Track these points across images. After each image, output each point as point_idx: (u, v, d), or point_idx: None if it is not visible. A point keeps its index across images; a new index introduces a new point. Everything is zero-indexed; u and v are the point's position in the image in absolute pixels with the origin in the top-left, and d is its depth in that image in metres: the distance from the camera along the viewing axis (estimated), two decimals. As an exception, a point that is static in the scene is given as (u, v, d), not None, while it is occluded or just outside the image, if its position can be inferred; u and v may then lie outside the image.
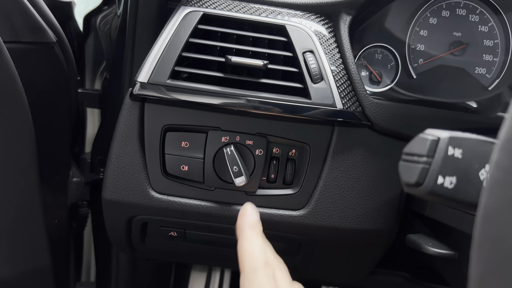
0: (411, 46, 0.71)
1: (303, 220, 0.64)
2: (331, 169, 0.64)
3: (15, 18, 0.70)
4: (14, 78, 0.65)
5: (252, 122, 0.63)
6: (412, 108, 0.64)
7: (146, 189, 0.64)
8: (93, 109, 1.04)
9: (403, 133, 0.64)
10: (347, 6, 0.64)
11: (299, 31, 0.63)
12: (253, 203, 0.64)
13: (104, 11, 0.98)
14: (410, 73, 0.71)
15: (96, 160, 0.98)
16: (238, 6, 0.65)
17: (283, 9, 0.66)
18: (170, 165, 0.63)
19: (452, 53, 0.71)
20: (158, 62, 0.60)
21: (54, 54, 0.78)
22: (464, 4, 0.70)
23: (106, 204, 0.65)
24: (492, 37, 0.71)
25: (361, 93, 0.63)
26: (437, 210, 0.59)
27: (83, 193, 0.94)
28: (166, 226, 0.68)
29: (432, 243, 0.57)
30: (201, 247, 0.73)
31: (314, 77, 0.62)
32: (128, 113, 0.63)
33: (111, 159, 0.63)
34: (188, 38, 0.61)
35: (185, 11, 0.63)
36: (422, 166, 0.34)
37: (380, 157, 0.65)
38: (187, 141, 0.62)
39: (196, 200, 0.64)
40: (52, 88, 0.79)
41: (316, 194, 0.64)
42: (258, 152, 0.63)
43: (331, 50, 0.64)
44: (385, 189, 0.65)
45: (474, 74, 0.71)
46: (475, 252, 0.24)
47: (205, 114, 0.62)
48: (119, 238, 0.71)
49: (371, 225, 0.65)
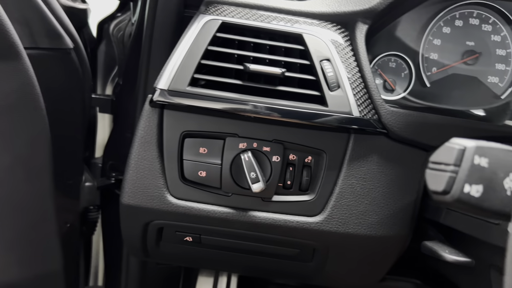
0: (425, 55, 0.71)
1: (318, 226, 0.65)
2: (347, 176, 0.64)
3: (34, 25, 0.71)
4: (33, 84, 0.66)
5: (269, 129, 0.64)
6: (427, 116, 0.65)
7: (164, 195, 0.64)
8: (103, 114, 1.05)
9: (418, 141, 0.65)
10: (364, 16, 0.65)
11: (316, 39, 0.64)
12: (269, 209, 0.65)
13: (117, 18, 1.00)
14: (423, 81, 0.71)
15: (108, 165, 0.99)
16: (256, 15, 0.66)
17: (300, 17, 0.67)
18: (188, 171, 0.64)
19: (465, 62, 0.72)
20: (178, 69, 0.61)
21: (70, 60, 0.79)
22: (477, 14, 0.71)
23: (124, 209, 0.66)
24: (505, 46, 0.71)
25: (378, 101, 0.63)
26: (452, 217, 0.60)
27: (94, 197, 0.95)
28: (182, 231, 0.69)
29: (448, 250, 0.58)
30: (215, 253, 0.73)
31: (331, 85, 0.62)
32: (148, 119, 0.64)
33: (130, 165, 0.64)
34: (207, 46, 0.62)
35: (204, 19, 0.64)
36: (450, 174, 0.34)
37: (395, 164, 0.65)
38: (205, 147, 0.63)
39: (213, 206, 0.65)
40: (68, 94, 0.81)
41: (332, 200, 0.65)
42: (275, 159, 0.63)
43: (348, 59, 0.65)
44: (400, 196, 0.66)
45: (486, 83, 0.72)
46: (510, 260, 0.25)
47: (223, 121, 0.63)
48: (134, 243, 0.72)
49: (386, 232, 0.66)
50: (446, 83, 0.72)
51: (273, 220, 0.65)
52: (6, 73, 0.62)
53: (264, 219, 0.65)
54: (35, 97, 0.66)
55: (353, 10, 0.66)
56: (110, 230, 1.03)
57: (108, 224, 1.03)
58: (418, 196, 0.67)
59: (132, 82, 0.82)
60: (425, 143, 0.65)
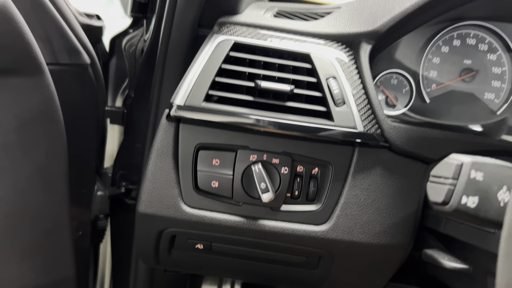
0: (425, 72, 0.76)
1: (324, 235, 0.69)
2: (351, 187, 0.68)
3: (55, 41, 0.75)
4: (54, 99, 0.69)
5: (278, 142, 0.67)
6: (427, 131, 0.69)
7: (179, 204, 0.68)
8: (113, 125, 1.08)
9: (418, 154, 0.69)
10: (367, 37, 0.70)
11: (322, 58, 0.68)
12: (278, 218, 0.69)
13: (130, 34, 1.03)
14: (423, 97, 0.75)
15: (118, 174, 1.02)
16: (266, 35, 0.70)
17: (307, 37, 0.71)
18: (201, 181, 0.68)
19: (463, 79, 0.76)
20: (194, 86, 0.65)
21: (87, 75, 0.82)
22: (474, 34, 0.75)
23: (140, 217, 0.69)
24: (500, 64, 0.76)
25: (380, 117, 0.67)
26: (451, 226, 0.64)
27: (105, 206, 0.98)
28: (193, 238, 0.72)
29: (448, 258, 0.61)
30: (224, 260, 0.76)
31: (337, 101, 0.66)
32: (164, 132, 0.67)
33: (147, 175, 0.68)
34: (221, 64, 0.66)
35: (218, 39, 0.68)
36: (448, 187, 0.38)
37: (397, 176, 0.69)
38: (218, 159, 0.67)
39: (224, 214, 0.69)
40: (84, 108, 0.84)
41: (337, 210, 0.68)
42: (283, 170, 0.67)
43: (352, 76, 0.69)
44: (402, 206, 0.70)
45: (483, 99, 0.76)
46: (501, 263, 0.29)
47: (235, 134, 0.67)
48: (147, 250, 0.75)
49: (389, 240, 0.69)
50: (445, 99, 0.76)
51: (281, 228, 0.68)
52: (31, 88, 0.66)
53: (273, 227, 0.69)
54: (55, 110, 0.70)
55: (358, 31, 0.70)
56: (118, 238, 1.06)
57: (117, 232, 1.06)
58: (419, 206, 0.71)
59: (144, 96, 0.85)
60: (425, 156, 0.69)
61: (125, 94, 1.09)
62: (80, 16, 0.86)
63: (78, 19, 0.83)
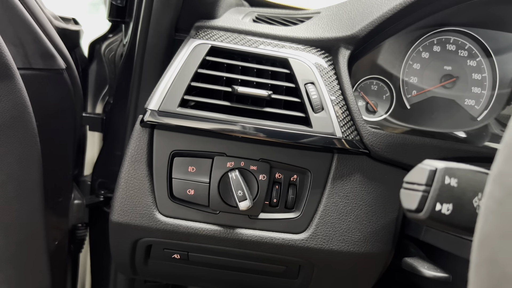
0: (405, 78, 0.75)
1: (303, 243, 0.67)
2: (330, 194, 0.67)
3: (28, 46, 0.73)
4: (25, 104, 0.67)
5: (256, 148, 0.66)
6: (407, 137, 0.68)
7: (153, 212, 0.66)
8: (93, 132, 1.06)
9: (398, 161, 0.68)
10: (346, 42, 0.69)
11: (301, 64, 0.67)
12: (256, 226, 0.67)
13: (109, 39, 1.02)
14: (404, 103, 0.75)
15: (97, 182, 1.00)
16: (244, 39, 0.69)
17: (286, 42, 0.70)
18: (177, 189, 0.66)
19: (443, 85, 0.75)
20: (169, 91, 0.64)
21: (63, 80, 0.81)
22: (454, 40, 0.75)
23: (113, 227, 0.67)
24: (480, 71, 0.75)
25: (359, 123, 0.66)
26: (431, 234, 0.63)
27: (83, 215, 0.95)
28: (170, 248, 0.70)
29: (427, 266, 0.60)
30: (202, 270, 0.74)
31: (315, 107, 0.65)
32: (138, 138, 0.66)
33: (120, 183, 0.66)
34: (197, 69, 0.65)
35: (194, 43, 0.67)
36: (422, 194, 0.37)
37: (377, 183, 0.68)
38: (193, 166, 0.65)
39: (201, 223, 0.67)
40: (60, 113, 0.82)
41: (316, 218, 0.67)
42: (261, 177, 0.66)
43: (331, 82, 0.68)
44: (382, 214, 0.68)
45: (464, 106, 0.75)
46: (472, 273, 0.27)
47: (212, 141, 0.65)
48: (122, 260, 0.73)
49: (369, 249, 0.68)
50: (426, 105, 0.75)
51: (259, 237, 0.67)
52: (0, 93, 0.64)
53: (251, 236, 0.67)
54: (27, 116, 0.68)
55: (336, 36, 0.69)
56: (97, 247, 1.04)
57: (96, 242, 1.03)
58: (399, 214, 0.70)
59: (122, 101, 0.84)
60: (405, 163, 0.68)
61: (105, 100, 1.08)
62: (56, 20, 0.84)
63: (53, 23, 0.82)
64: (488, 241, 0.26)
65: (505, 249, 0.24)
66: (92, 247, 1.05)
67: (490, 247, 0.26)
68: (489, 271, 0.25)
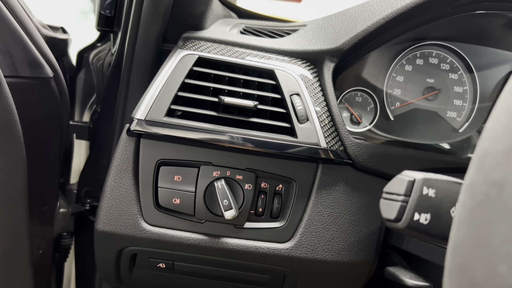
0: (389, 90, 0.77)
1: (288, 252, 0.68)
2: (315, 203, 0.68)
3: (15, 54, 0.73)
4: (11, 112, 0.67)
5: (242, 158, 0.67)
6: (390, 148, 0.69)
7: (138, 221, 0.66)
8: (80, 141, 1.06)
9: (381, 171, 0.69)
10: (331, 54, 0.70)
11: (287, 75, 0.68)
12: (241, 236, 0.67)
13: (97, 48, 1.02)
14: (387, 115, 0.76)
15: (83, 191, 0.99)
16: (231, 51, 0.70)
17: (272, 54, 0.72)
18: (162, 198, 0.66)
19: (426, 98, 0.77)
20: (155, 100, 0.64)
21: (50, 89, 0.81)
22: (436, 54, 0.77)
23: (98, 235, 0.67)
24: (461, 84, 0.77)
25: (343, 134, 0.68)
26: (413, 244, 0.64)
27: (69, 224, 0.95)
28: (155, 257, 0.70)
29: (409, 275, 0.61)
30: (188, 279, 0.74)
31: (300, 118, 0.66)
32: (124, 147, 0.66)
33: (105, 192, 0.66)
34: (184, 79, 0.66)
35: (182, 54, 0.67)
36: (401, 204, 0.38)
37: (360, 193, 0.69)
38: (179, 175, 0.66)
39: (186, 232, 0.67)
40: (46, 121, 0.82)
41: (301, 227, 0.68)
42: (247, 187, 0.66)
43: (316, 93, 0.69)
44: (365, 224, 0.69)
45: (446, 118, 0.77)
46: (445, 280, 0.28)
47: (198, 150, 0.66)
48: (107, 269, 0.72)
49: (352, 258, 0.69)
50: (409, 117, 0.77)
51: (244, 246, 0.67)
52: (-15, 101, 0.64)
53: (236, 245, 0.67)
54: (13, 124, 0.68)
55: (321, 48, 0.70)
56: (83, 256, 1.03)
57: (81, 251, 1.02)
58: (382, 224, 0.71)
59: (110, 110, 0.84)
60: (388, 173, 0.69)
61: (92, 109, 1.08)
62: (44, 28, 0.84)
63: (41, 31, 0.82)
64: (460, 249, 0.27)
65: (475, 257, 0.25)
66: (77, 256, 1.04)
67: (461, 254, 0.27)
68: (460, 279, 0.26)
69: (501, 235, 0.24)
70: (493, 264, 0.24)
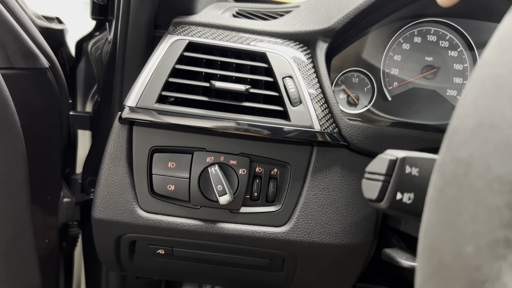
0: (386, 70, 0.75)
1: (285, 236, 0.67)
2: (310, 187, 0.67)
3: (9, 45, 0.73)
4: (7, 103, 0.68)
5: (235, 143, 0.66)
6: (385, 129, 0.68)
7: (134, 208, 0.66)
8: (84, 131, 1.07)
9: (377, 152, 0.67)
10: (323, 35, 0.69)
11: (279, 57, 0.67)
12: (237, 220, 0.67)
13: (95, 37, 1.02)
14: (385, 95, 0.75)
15: (87, 180, 1.00)
16: (222, 34, 0.69)
17: (264, 37, 0.71)
18: (157, 185, 0.66)
19: (424, 76, 0.75)
20: (146, 87, 0.64)
21: (46, 79, 0.81)
22: (434, 31, 0.75)
23: (96, 223, 0.68)
24: (461, 61, 0.75)
25: (337, 115, 0.66)
26: (411, 225, 0.63)
27: (73, 213, 0.96)
28: (153, 244, 0.71)
29: (406, 257, 0.60)
30: (189, 265, 0.75)
31: (293, 101, 0.65)
32: (117, 135, 0.66)
33: (100, 180, 0.66)
34: (175, 65, 0.65)
35: (172, 39, 0.67)
36: (382, 183, 0.37)
37: (356, 175, 0.68)
38: (173, 161, 0.66)
39: (182, 218, 0.67)
40: (44, 112, 0.83)
41: (297, 211, 0.67)
42: (241, 172, 0.66)
43: (309, 75, 0.68)
44: (362, 206, 0.69)
45: (445, 96, 0.75)
46: (418, 260, 0.28)
47: (191, 136, 0.66)
48: (108, 257, 0.73)
49: (350, 240, 0.68)
50: (407, 97, 0.75)
51: (240, 231, 0.67)
52: (-20, 93, 0.64)
53: (232, 230, 0.67)
54: (10, 115, 0.68)
55: (313, 29, 0.69)
56: (90, 245, 1.04)
57: (88, 240, 1.04)
58: (373, 205, 0.70)
59: (108, 99, 0.84)
60: (385, 155, 0.68)
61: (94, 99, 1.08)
62: (38, 19, 0.84)
63: (36, 22, 0.82)
64: (429, 230, 0.26)
65: (443, 237, 0.25)
66: (85, 245, 1.06)
67: (431, 235, 0.26)
68: (429, 259, 0.26)
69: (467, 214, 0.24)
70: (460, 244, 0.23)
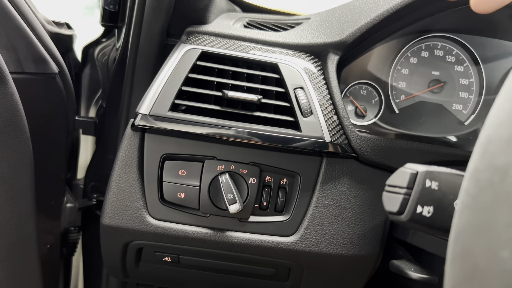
0: (393, 83, 0.76)
1: (293, 246, 0.68)
2: (319, 197, 0.68)
3: (20, 50, 0.74)
4: (17, 108, 0.68)
5: (246, 152, 0.67)
6: (394, 141, 0.69)
7: (144, 215, 0.66)
8: (86, 136, 1.07)
9: (386, 164, 0.69)
10: (334, 47, 0.70)
11: (290, 69, 0.68)
12: (246, 229, 0.68)
13: (102, 43, 1.02)
14: (392, 108, 0.76)
15: (90, 186, 1.00)
16: (235, 45, 0.70)
17: (276, 48, 0.71)
18: (167, 192, 0.66)
19: (431, 90, 0.76)
20: (159, 95, 0.65)
21: (55, 84, 0.81)
22: (441, 46, 0.76)
23: (104, 230, 0.68)
24: (467, 76, 0.77)
25: (347, 127, 0.67)
26: (418, 237, 0.63)
27: (76, 218, 0.96)
28: (160, 251, 0.71)
29: (414, 268, 0.61)
30: (194, 273, 0.75)
31: (304, 112, 0.66)
32: (129, 142, 0.66)
33: (111, 186, 0.66)
34: (188, 74, 0.66)
35: (185, 48, 0.68)
36: (403, 196, 0.38)
37: (365, 186, 0.69)
38: (184, 169, 0.66)
39: (191, 226, 0.67)
40: (52, 117, 0.83)
41: (306, 221, 0.68)
42: (251, 181, 0.66)
43: (320, 87, 0.69)
44: (370, 217, 0.69)
45: (451, 110, 0.76)
46: (448, 266, 0.28)
47: (202, 144, 0.66)
48: (114, 263, 0.73)
49: (357, 251, 0.69)
50: (414, 110, 0.76)
51: (249, 240, 0.67)
52: (-8, 97, 0.64)
53: (241, 239, 0.68)
54: (19, 120, 0.68)
55: (325, 42, 0.70)
56: (90, 251, 1.04)
57: (88, 245, 1.03)
58: (387, 217, 0.70)
59: (115, 105, 0.84)
60: (393, 167, 0.69)
61: (98, 104, 1.08)
62: (49, 24, 0.85)
63: (46, 27, 0.82)
64: (462, 235, 0.27)
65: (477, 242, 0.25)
66: (85, 250, 1.05)
67: (464, 241, 0.26)
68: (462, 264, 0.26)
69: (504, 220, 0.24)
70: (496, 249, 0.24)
